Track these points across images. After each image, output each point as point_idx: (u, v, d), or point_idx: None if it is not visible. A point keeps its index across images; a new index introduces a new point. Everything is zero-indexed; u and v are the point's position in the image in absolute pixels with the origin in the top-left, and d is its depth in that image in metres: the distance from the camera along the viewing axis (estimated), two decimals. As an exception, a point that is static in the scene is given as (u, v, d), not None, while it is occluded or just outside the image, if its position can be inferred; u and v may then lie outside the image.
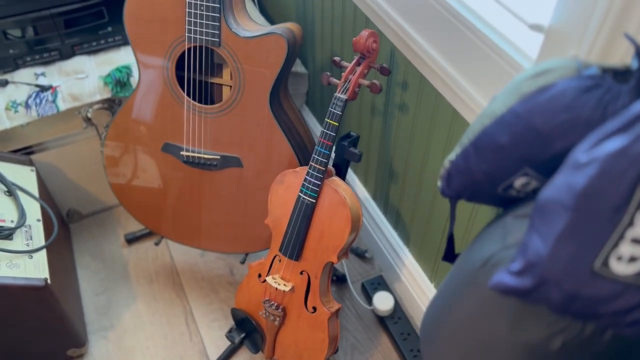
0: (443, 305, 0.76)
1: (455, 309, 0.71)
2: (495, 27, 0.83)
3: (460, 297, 0.69)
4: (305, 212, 1.06)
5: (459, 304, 0.70)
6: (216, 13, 1.05)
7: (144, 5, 1.09)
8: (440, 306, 0.77)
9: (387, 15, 1.05)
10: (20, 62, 1.35)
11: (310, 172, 1.03)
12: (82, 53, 1.40)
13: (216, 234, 1.32)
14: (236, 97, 1.14)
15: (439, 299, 0.78)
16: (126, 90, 1.36)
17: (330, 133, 1.01)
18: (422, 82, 1.04)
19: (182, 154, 1.22)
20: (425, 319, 0.82)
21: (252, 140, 1.18)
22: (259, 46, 1.08)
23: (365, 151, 1.39)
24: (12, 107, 1.29)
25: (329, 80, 1.05)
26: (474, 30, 0.86)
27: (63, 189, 1.53)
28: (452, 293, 0.72)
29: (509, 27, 0.81)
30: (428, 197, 1.17)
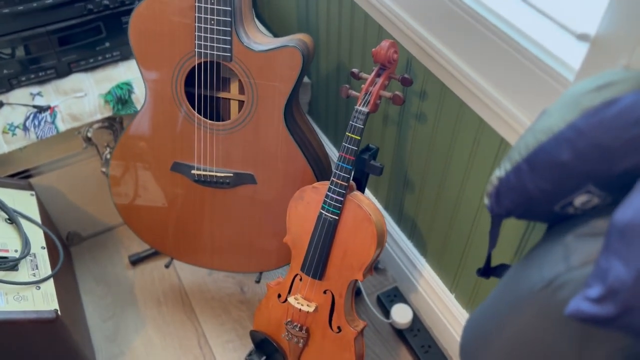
0: (492, 323, 0.73)
1: (509, 327, 0.68)
2: (525, 32, 0.81)
3: (516, 316, 0.66)
4: (328, 230, 1.02)
5: (514, 323, 0.67)
6: (227, 27, 1.01)
7: (151, 21, 1.04)
8: (488, 323, 0.74)
9: (405, 24, 1.02)
10: (14, 82, 1.29)
11: (332, 188, 1.00)
12: (79, 70, 1.35)
13: (229, 253, 1.27)
14: (249, 112, 1.10)
15: (486, 316, 0.75)
16: (128, 107, 1.31)
17: (352, 147, 0.98)
18: (444, 91, 1.02)
19: (193, 172, 1.17)
20: (468, 336, 0.80)
21: (266, 156, 1.14)
22: (273, 60, 1.04)
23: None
24: (10, 130, 1.23)
25: (348, 93, 1.01)
26: (502, 36, 0.83)
27: (62, 212, 1.47)
28: (504, 311, 0.69)
29: (540, 32, 0.79)
30: (449, 206, 1.14)
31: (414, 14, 1.00)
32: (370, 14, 1.13)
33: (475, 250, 1.11)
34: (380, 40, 1.15)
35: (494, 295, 0.75)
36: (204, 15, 1.00)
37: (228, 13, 1.00)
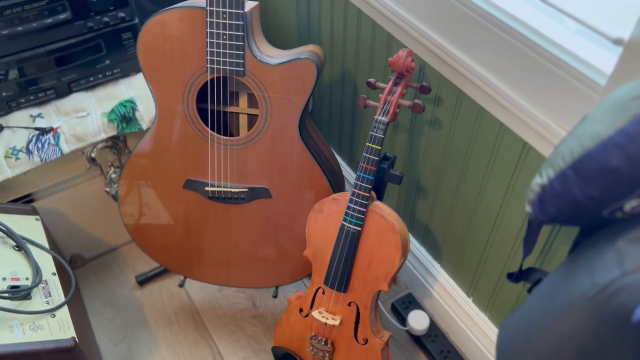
0: (535, 327, 0.73)
1: (555, 332, 0.68)
2: (548, 36, 0.81)
3: (564, 320, 0.66)
4: (351, 241, 1.01)
5: (562, 327, 0.67)
6: (240, 41, 1.00)
7: (160, 38, 1.02)
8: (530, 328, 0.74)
9: (417, 30, 1.02)
10: (13, 105, 1.26)
11: (354, 199, 0.99)
12: (80, 89, 1.32)
13: (245, 269, 1.26)
14: (263, 126, 1.08)
15: (527, 320, 0.75)
16: (132, 126, 1.29)
17: (373, 157, 0.97)
18: (460, 97, 1.02)
19: (207, 189, 1.15)
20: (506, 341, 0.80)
21: (281, 169, 1.12)
22: (287, 73, 1.03)
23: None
24: (13, 154, 1.20)
25: (366, 103, 1.01)
26: (524, 40, 0.84)
27: (66, 235, 1.44)
28: (550, 316, 0.69)
29: (568, 38, 0.79)
30: (466, 212, 1.14)
31: (427, 20, 1.00)
32: (378, 23, 1.13)
33: (495, 253, 1.11)
34: (390, 49, 1.14)
35: (535, 301, 0.75)
36: (215, 30, 0.99)
37: (240, 27, 0.98)
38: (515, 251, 1.06)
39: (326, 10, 1.29)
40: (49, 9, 1.16)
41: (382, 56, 1.18)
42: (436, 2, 0.97)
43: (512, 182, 0.99)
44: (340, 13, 1.25)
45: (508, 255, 1.08)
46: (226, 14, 0.97)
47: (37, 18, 1.15)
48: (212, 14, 0.97)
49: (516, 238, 1.04)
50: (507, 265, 1.10)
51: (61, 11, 1.18)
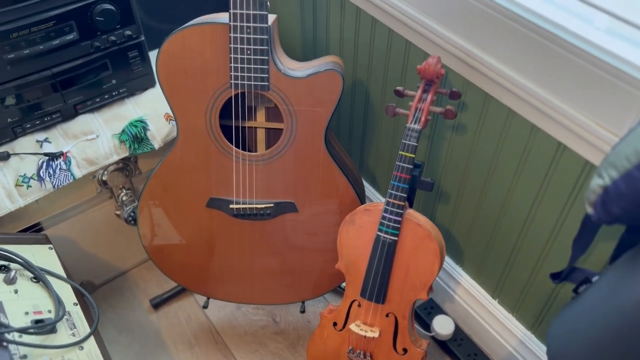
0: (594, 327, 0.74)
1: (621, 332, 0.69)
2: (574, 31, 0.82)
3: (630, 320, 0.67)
4: (388, 252, 1.00)
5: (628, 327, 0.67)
6: (265, 56, 0.98)
7: (181, 55, 1.00)
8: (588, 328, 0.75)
9: (440, 36, 1.02)
10: (19, 131, 1.21)
11: (389, 209, 0.98)
12: (86, 111, 1.28)
13: (270, 285, 1.23)
14: (288, 139, 1.07)
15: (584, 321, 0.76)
16: (144, 146, 1.25)
17: (407, 165, 0.97)
18: (487, 101, 1.02)
19: (232, 207, 1.13)
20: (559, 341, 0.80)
21: (307, 182, 1.11)
22: (312, 85, 1.01)
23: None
24: (24, 182, 1.15)
25: (396, 111, 1.00)
26: (553, 38, 0.84)
27: (75, 261, 1.39)
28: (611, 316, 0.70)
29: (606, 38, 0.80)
30: (492, 215, 1.14)
31: (449, 24, 1.00)
32: (395, 30, 1.13)
33: (525, 254, 1.12)
34: (408, 56, 1.14)
35: (593, 300, 0.75)
36: (239, 45, 0.97)
37: (265, 42, 0.97)
38: (547, 252, 1.07)
39: (335, 19, 1.29)
40: (56, 31, 1.12)
41: (398, 64, 1.18)
42: (459, 6, 0.97)
43: (544, 183, 1.00)
44: (352, 22, 1.24)
45: (539, 256, 1.09)
46: (250, 29, 0.95)
47: (44, 40, 1.11)
48: (235, 29, 0.96)
49: (548, 238, 1.05)
50: (538, 266, 1.10)
51: (68, 32, 1.14)
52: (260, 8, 0.94)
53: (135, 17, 1.21)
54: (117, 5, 1.16)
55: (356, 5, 1.20)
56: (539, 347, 1.20)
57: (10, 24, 1.06)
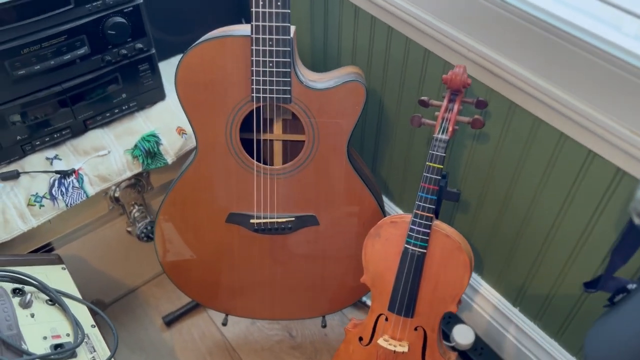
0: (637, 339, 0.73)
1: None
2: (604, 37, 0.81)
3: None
4: (416, 265, 0.99)
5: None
6: (287, 68, 0.96)
7: (201, 69, 0.98)
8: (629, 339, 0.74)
9: (462, 44, 1.01)
10: (28, 148, 1.17)
11: (417, 221, 0.97)
12: (95, 127, 1.25)
13: (291, 300, 1.21)
14: (310, 152, 1.05)
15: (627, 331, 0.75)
16: (157, 161, 1.23)
17: (435, 176, 0.95)
18: (512, 109, 1.01)
19: (252, 222, 1.10)
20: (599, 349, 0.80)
21: (329, 195, 1.09)
22: (335, 97, 1.00)
23: (419, 183, 1.33)
24: (36, 201, 1.12)
25: (422, 122, 0.99)
26: (581, 44, 0.84)
27: (86, 280, 1.34)
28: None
29: (638, 47, 0.80)
30: (515, 224, 1.13)
31: (472, 32, 0.99)
32: (413, 39, 1.12)
33: (549, 262, 1.11)
34: (426, 65, 1.13)
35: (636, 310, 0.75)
36: (262, 58, 0.95)
37: (287, 54, 0.95)
38: (573, 260, 1.06)
39: (348, 28, 1.27)
40: (67, 45, 1.09)
41: (415, 73, 1.16)
42: (482, 13, 0.96)
43: (571, 191, 0.99)
44: (366, 31, 1.23)
45: (564, 264, 1.08)
46: (272, 41, 0.94)
47: (55, 55, 1.08)
48: (257, 42, 0.94)
49: (574, 246, 1.04)
50: (563, 274, 1.09)
51: (79, 46, 1.11)
52: (283, 20, 0.92)
53: (146, 29, 1.19)
54: (128, 18, 1.14)
55: (371, 14, 1.18)
56: (562, 355, 1.19)
57: (21, 39, 1.03)
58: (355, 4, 1.21)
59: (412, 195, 1.38)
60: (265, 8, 0.91)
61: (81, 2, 1.06)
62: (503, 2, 0.91)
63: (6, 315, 0.91)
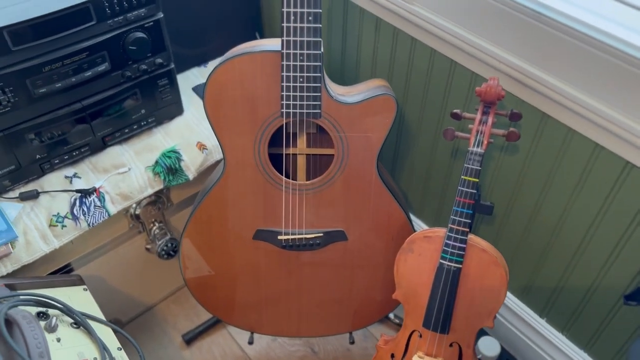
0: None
1: None
2: None
3: None
4: (452, 280, 0.97)
5: None
6: (318, 83, 0.95)
7: (230, 86, 0.96)
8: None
9: (492, 55, 1.00)
10: (47, 167, 1.15)
11: (452, 236, 0.95)
12: (114, 143, 1.22)
13: (318, 317, 1.19)
14: (339, 166, 1.03)
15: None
16: (179, 177, 1.20)
17: (471, 190, 0.94)
18: (544, 120, 1.00)
19: (280, 238, 1.08)
20: None
21: (357, 210, 1.07)
22: (365, 110, 0.98)
23: (441, 194, 1.32)
24: (58, 221, 1.09)
25: (455, 135, 0.98)
26: (616, 53, 0.83)
27: (104, 300, 1.31)
28: None
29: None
30: (544, 235, 1.12)
31: (502, 43, 0.98)
32: (438, 50, 1.11)
33: (580, 273, 1.10)
34: (452, 77, 1.12)
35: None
36: (292, 73, 0.93)
37: (318, 68, 0.93)
38: (606, 271, 1.05)
39: (368, 40, 1.26)
40: (88, 62, 1.07)
41: (440, 84, 1.15)
42: (513, 23, 0.95)
43: (606, 202, 0.98)
44: (387, 42, 1.22)
45: (597, 275, 1.07)
46: (304, 56, 0.92)
47: (76, 72, 1.06)
48: (288, 57, 0.92)
49: (607, 258, 1.03)
50: (595, 285, 1.08)
51: (100, 63, 1.09)
52: (314, 35, 0.91)
53: (166, 44, 1.17)
54: (149, 33, 1.12)
55: (393, 25, 1.17)
56: (593, 366, 1.18)
57: (43, 57, 1.01)
58: (377, 15, 1.20)
59: (433, 206, 1.37)
60: (296, 23, 0.90)
61: (103, 17, 1.04)
62: (537, 13, 0.90)
63: (37, 342, 0.89)
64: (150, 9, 1.10)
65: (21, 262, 1.05)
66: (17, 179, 1.12)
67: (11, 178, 1.11)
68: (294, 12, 0.89)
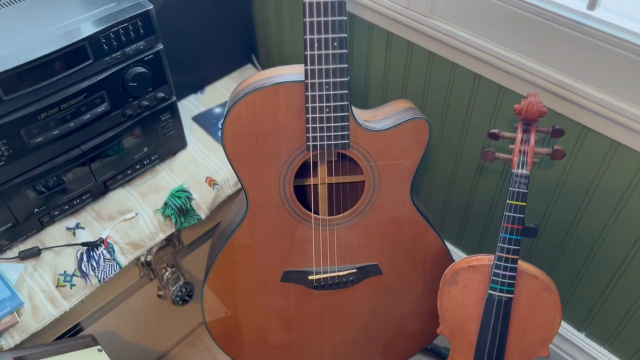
0: None
1: None
2: None
3: None
4: (504, 312, 0.91)
5: None
6: (345, 112, 0.87)
7: (251, 122, 0.88)
8: None
9: (524, 67, 0.94)
10: (46, 220, 1.05)
11: (501, 265, 0.89)
12: (116, 187, 1.13)
13: (353, 356, 1.12)
14: (371, 197, 0.96)
15: None
16: (190, 218, 1.12)
17: (519, 215, 0.88)
18: (583, 134, 0.95)
19: (311, 278, 1.01)
20: None
21: (391, 240, 1.00)
22: (396, 137, 0.92)
23: (464, 213, 1.26)
24: (66, 281, 0.99)
25: (496, 157, 0.91)
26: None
27: (116, 354, 1.22)
28: None
29: None
30: (583, 250, 1.07)
31: (535, 55, 0.93)
32: (460, 63, 1.05)
33: (626, 285, 1.05)
34: (477, 92, 1.06)
35: None
36: (318, 104, 0.86)
37: (345, 97, 0.86)
38: None
39: (379, 55, 1.19)
40: (86, 104, 0.97)
41: (462, 99, 1.09)
42: (551, 36, 0.90)
43: (655, 215, 0.93)
44: (401, 58, 1.15)
45: (639, 283, 1.02)
46: (330, 85, 0.85)
47: (74, 116, 0.97)
48: (313, 87, 0.85)
49: (656, 269, 0.99)
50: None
51: (99, 104, 1.00)
52: (340, 61, 0.84)
53: (167, 76, 1.08)
54: (149, 67, 1.03)
55: (407, 39, 1.11)
56: (639, 379, 1.13)
57: (38, 104, 0.91)
58: (388, 30, 1.13)
59: (454, 226, 1.31)
60: (320, 50, 0.82)
61: (100, 55, 0.95)
62: (580, 24, 0.85)
63: None
64: (149, 40, 1.01)
65: (29, 331, 0.95)
66: (14, 236, 1.02)
67: (8, 236, 1.01)
68: (318, 38, 0.82)
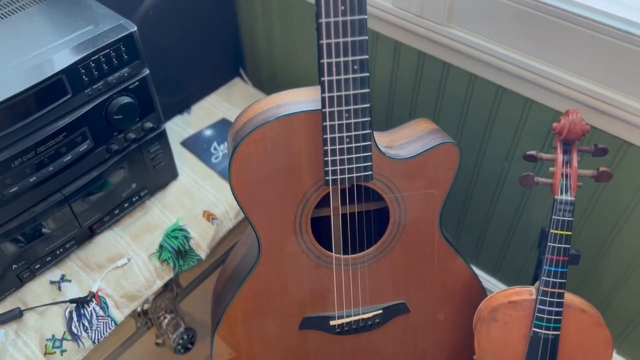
0: None
1: None
2: None
3: None
4: (551, 350, 0.83)
5: None
6: (367, 141, 0.77)
7: (261, 159, 0.77)
8: None
9: (555, 79, 0.86)
10: (26, 275, 0.92)
11: (547, 300, 0.81)
12: (103, 230, 1.01)
13: (380, 400, 1.02)
14: (397, 231, 0.86)
15: None
16: (190, 259, 1.00)
17: (564, 246, 0.79)
18: (623, 149, 0.87)
19: (333, 324, 0.91)
20: None
21: (419, 275, 0.91)
22: (424, 164, 0.82)
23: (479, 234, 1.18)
24: (55, 347, 0.87)
25: (536, 181, 0.82)
26: None
27: (113, 411, 1.11)
28: None
29: None
30: (618, 270, 1.00)
31: (569, 65, 0.84)
32: (479, 75, 0.95)
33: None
34: (499, 104, 0.97)
35: None
36: (337, 134, 0.75)
37: (367, 125, 0.76)
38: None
39: (384, 68, 1.09)
40: (66, 144, 0.85)
41: (482, 114, 1.00)
42: (591, 46, 0.81)
43: None
44: (410, 69, 1.05)
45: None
46: (350, 112, 0.74)
47: (52, 159, 0.84)
48: (332, 116, 0.74)
49: (703, 288, 0.92)
50: (685, 316, 0.97)
51: (81, 142, 0.87)
52: (362, 86, 0.73)
53: (155, 104, 0.96)
54: (135, 95, 0.91)
55: (418, 49, 1.01)
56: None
57: (10, 149, 0.78)
58: (395, 39, 1.03)
59: (469, 250, 1.22)
60: (340, 75, 0.72)
61: (80, 87, 0.83)
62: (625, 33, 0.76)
63: None
64: (134, 66, 0.89)
65: (16, 410, 0.82)
66: (-10, 297, 0.89)
67: (-17, 297, 0.88)
68: (337, 62, 0.71)
